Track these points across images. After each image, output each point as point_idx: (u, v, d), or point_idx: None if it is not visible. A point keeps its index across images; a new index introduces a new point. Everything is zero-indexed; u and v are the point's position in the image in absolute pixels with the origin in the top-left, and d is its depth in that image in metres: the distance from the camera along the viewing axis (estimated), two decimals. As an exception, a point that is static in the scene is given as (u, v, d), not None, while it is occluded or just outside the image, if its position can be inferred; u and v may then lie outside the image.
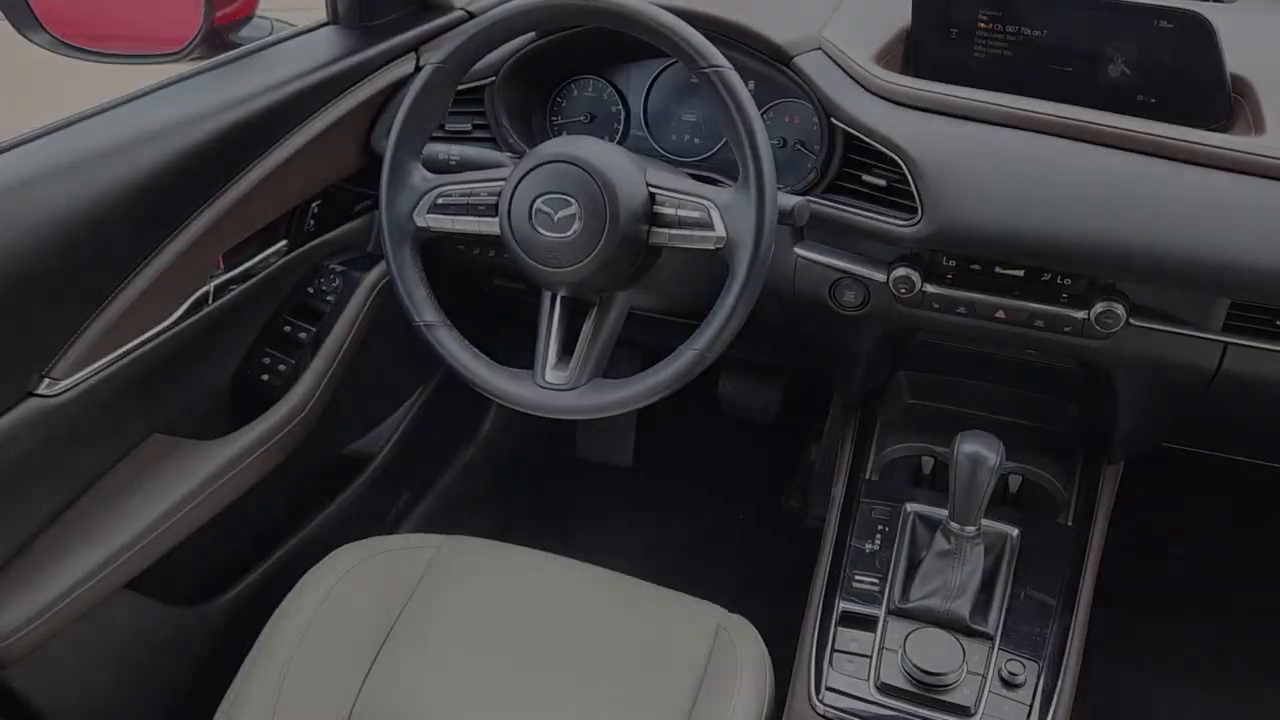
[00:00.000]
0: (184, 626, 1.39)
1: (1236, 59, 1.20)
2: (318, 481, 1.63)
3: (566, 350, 1.18)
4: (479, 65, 1.23)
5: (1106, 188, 1.14)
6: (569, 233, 1.11)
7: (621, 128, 1.44)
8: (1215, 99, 1.20)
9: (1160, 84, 1.21)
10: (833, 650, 1.27)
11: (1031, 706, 1.20)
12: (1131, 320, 1.20)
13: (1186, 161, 1.13)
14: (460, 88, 1.24)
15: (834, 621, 1.30)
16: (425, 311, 1.20)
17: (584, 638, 1.20)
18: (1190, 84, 1.20)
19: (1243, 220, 1.10)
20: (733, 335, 1.10)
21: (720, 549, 1.97)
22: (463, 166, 1.26)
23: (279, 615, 1.21)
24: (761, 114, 1.10)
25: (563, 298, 1.18)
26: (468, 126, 1.43)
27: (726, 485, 2.09)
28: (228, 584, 1.46)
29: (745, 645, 1.18)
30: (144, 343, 1.19)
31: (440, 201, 1.19)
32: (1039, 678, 1.22)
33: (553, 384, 1.16)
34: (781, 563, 1.89)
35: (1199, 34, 1.17)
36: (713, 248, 1.10)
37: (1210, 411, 1.32)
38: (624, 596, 1.25)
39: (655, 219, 1.13)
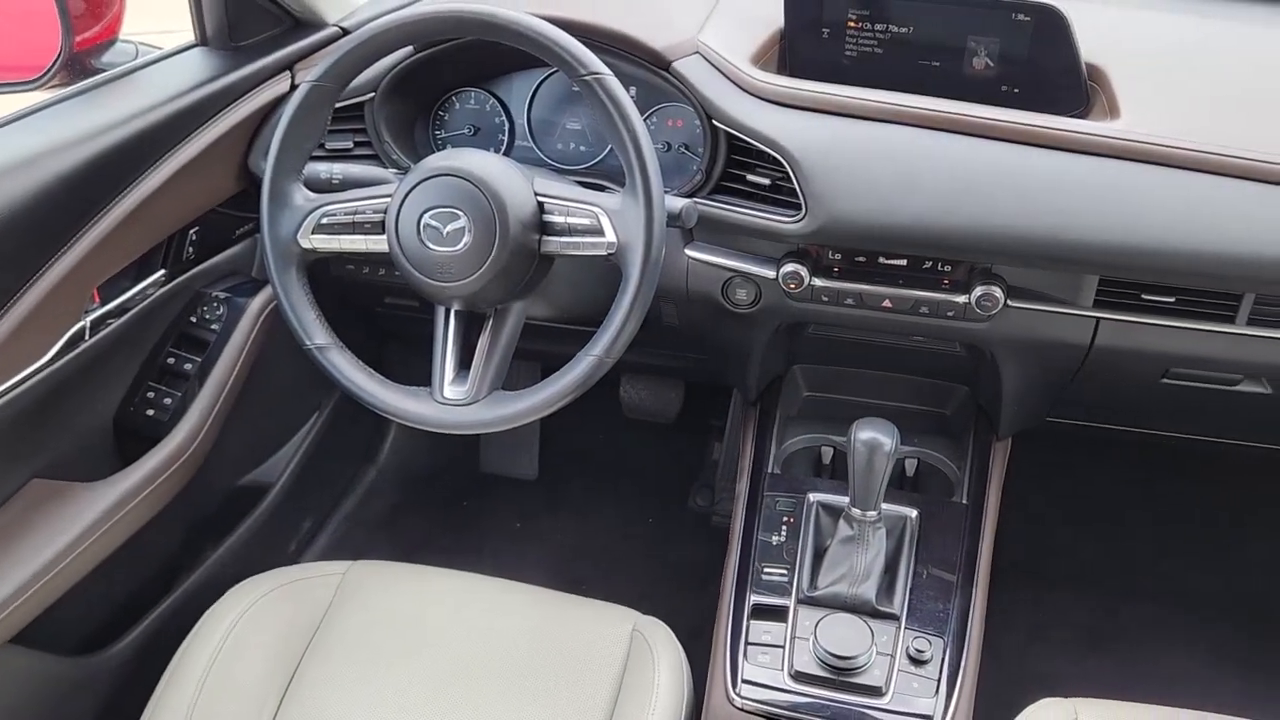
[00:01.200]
0: (79, 678, 1.33)
1: (1091, 49, 1.26)
2: (213, 516, 1.58)
3: (464, 365, 1.17)
4: (357, 81, 1.21)
5: (977, 176, 1.18)
6: (459, 246, 1.10)
7: (506, 139, 1.44)
8: (1072, 87, 1.26)
9: (1021, 74, 1.27)
10: (746, 643, 1.29)
11: (939, 681, 1.24)
12: (1009, 302, 1.26)
13: (1050, 148, 1.18)
14: (339, 105, 1.22)
15: (746, 615, 1.31)
16: (316, 334, 1.18)
17: (499, 652, 1.19)
18: (1049, 73, 1.26)
19: (1104, 201, 1.16)
20: (630, 339, 1.10)
21: (631, 552, 1.98)
22: (346, 185, 1.24)
23: (180, 657, 1.17)
24: (644, 119, 1.11)
25: (457, 312, 1.17)
26: (349, 144, 1.40)
27: (633, 489, 2.10)
28: (123, 630, 1.41)
29: (661, 646, 1.19)
30: (17, 384, 1.14)
31: (325, 221, 1.17)
32: (944, 652, 1.26)
33: (452, 400, 1.15)
34: (692, 561, 1.91)
35: (1054, 26, 1.23)
36: (604, 253, 1.11)
37: (1088, 384, 1.38)
38: (537, 608, 1.25)
39: (545, 228, 1.13)
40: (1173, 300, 1.22)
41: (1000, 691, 1.32)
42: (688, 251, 1.34)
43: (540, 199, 1.13)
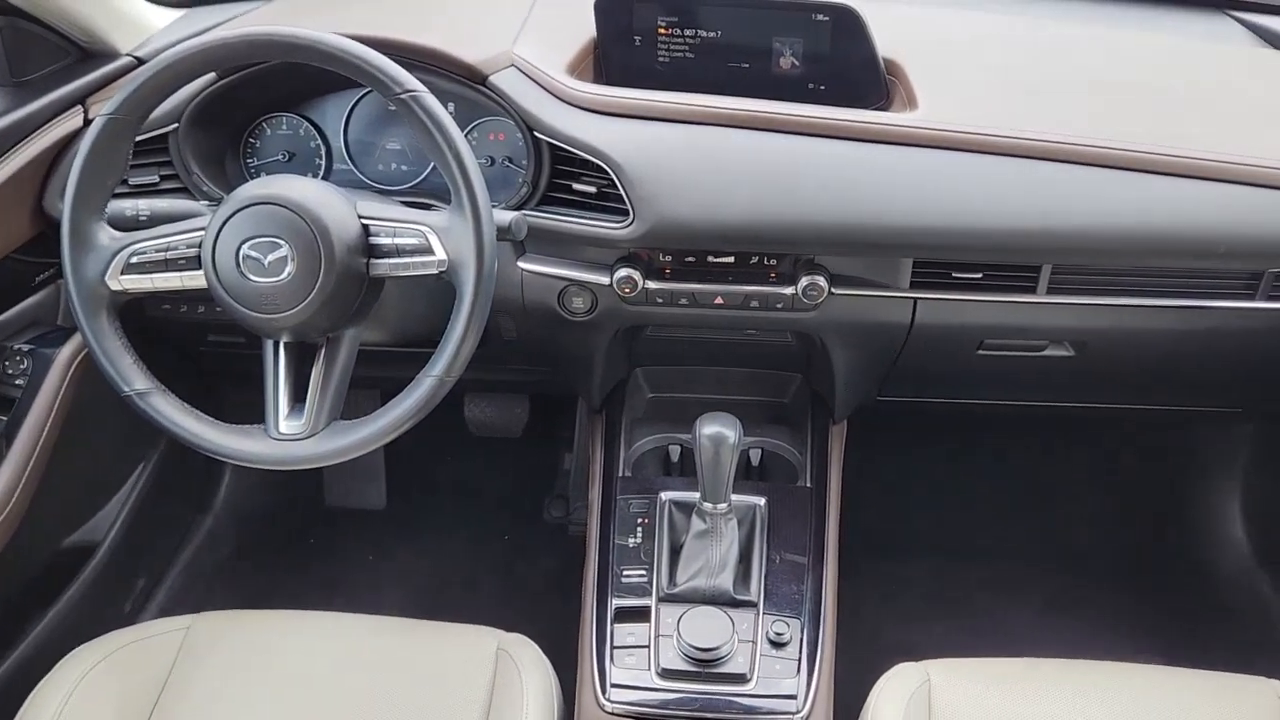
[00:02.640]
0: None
1: (887, 45, 1.33)
2: (35, 583, 1.48)
3: (298, 398, 1.14)
4: (158, 112, 1.16)
5: (791, 171, 1.23)
6: (283, 275, 1.07)
7: (324, 163, 1.40)
8: (873, 82, 1.33)
9: (825, 72, 1.33)
10: (612, 647, 1.29)
11: (799, 661, 1.28)
12: (833, 290, 1.31)
13: (857, 140, 1.24)
14: (140, 138, 1.16)
15: (609, 619, 1.32)
16: (134, 379, 1.12)
17: (360, 689, 1.15)
18: (850, 69, 1.32)
19: (907, 187, 1.22)
20: (469, 355, 1.09)
21: (489, 572, 1.96)
22: (154, 220, 1.19)
23: (10, 739, 1.09)
24: (465, 134, 1.11)
25: (286, 344, 1.13)
26: (154, 178, 1.34)
27: (486, 507, 2.08)
28: (-59, 718, 1.29)
29: (527, 662, 1.18)
30: None
31: (134, 260, 1.11)
32: (802, 633, 1.31)
33: (288, 434, 1.11)
34: (552, 573, 1.90)
35: (851, 24, 1.29)
36: (436, 272, 1.09)
37: (912, 361, 1.46)
38: (396, 639, 1.22)
39: (373, 250, 1.11)
40: (980, 276, 1.30)
41: (857, 663, 1.37)
42: (520, 264, 1.33)
43: (364, 221, 1.10)
